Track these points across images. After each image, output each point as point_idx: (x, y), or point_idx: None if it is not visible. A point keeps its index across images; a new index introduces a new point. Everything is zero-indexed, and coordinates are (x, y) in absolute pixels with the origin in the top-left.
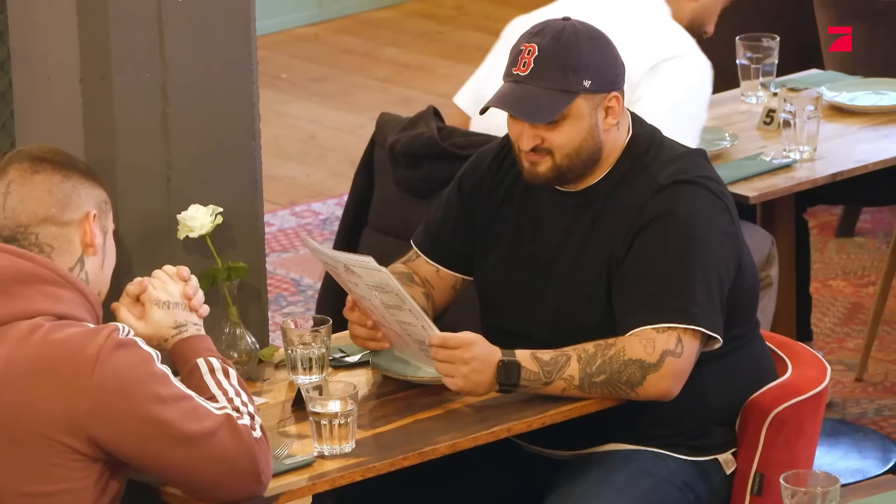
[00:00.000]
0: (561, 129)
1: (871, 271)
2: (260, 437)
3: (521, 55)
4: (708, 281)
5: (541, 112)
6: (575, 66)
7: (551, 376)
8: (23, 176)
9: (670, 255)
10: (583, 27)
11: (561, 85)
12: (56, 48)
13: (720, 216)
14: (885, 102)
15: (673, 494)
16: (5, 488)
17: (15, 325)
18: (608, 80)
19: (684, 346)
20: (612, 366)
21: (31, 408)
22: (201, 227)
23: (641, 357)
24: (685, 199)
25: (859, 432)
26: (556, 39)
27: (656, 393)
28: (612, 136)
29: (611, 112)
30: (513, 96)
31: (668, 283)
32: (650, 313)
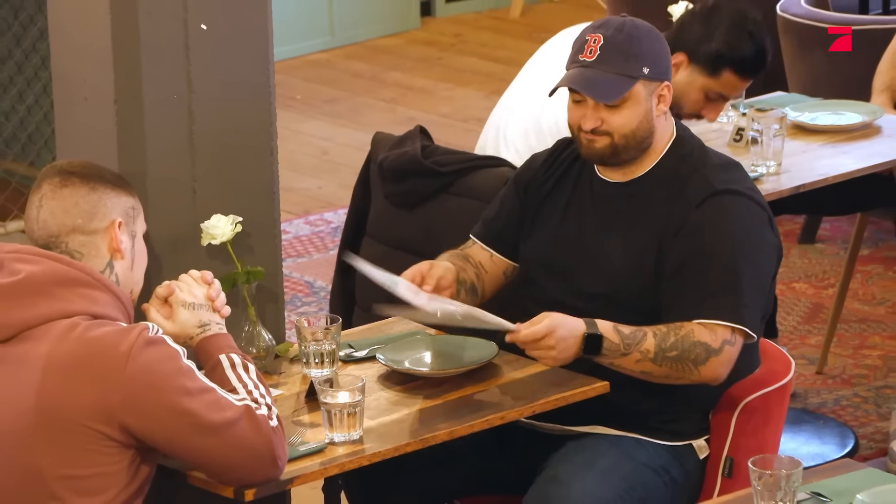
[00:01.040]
0: (621, 112)
1: (831, 275)
2: (276, 426)
3: (588, 44)
4: (756, 287)
5: (607, 93)
6: (636, 54)
7: (630, 349)
8: (53, 190)
9: (726, 259)
10: (640, 22)
11: (624, 70)
12: (93, 72)
13: (767, 229)
14: (843, 122)
15: (651, 477)
16: (47, 471)
17: (55, 324)
18: (663, 69)
19: (737, 339)
20: (684, 344)
21: (70, 399)
22: (223, 234)
23: (707, 341)
24: (741, 208)
25: (820, 420)
26: (619, 30)
27: (713, 375)
28: (661, 123)
29: (662, 100)
30: (581, 78)
31: (724, 284)
32: (709, 309)
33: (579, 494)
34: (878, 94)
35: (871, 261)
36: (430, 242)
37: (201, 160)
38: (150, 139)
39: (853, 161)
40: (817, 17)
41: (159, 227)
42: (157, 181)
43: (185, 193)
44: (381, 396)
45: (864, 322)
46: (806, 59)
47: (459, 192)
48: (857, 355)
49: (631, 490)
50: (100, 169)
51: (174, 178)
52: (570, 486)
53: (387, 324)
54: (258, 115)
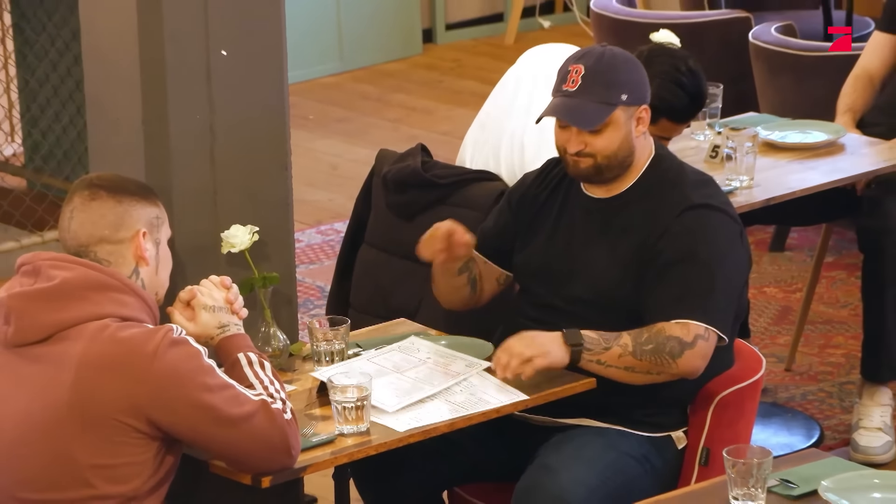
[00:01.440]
0: (602, 136)
1: (798, 280)
2: (290, 419)
3: (570, 74)
4: (728, 293)
5: (588, 120)
6: (615, 83)
7: (609, 343)
8: (83, 202)
9: (701, 266)
10: (619, 51)
11: (604, 98)
12: (122, 95)
13: (738, 241)
14: (810, 140)
15: (633, 465)
16: (80, 460)
17: (87, 326)
18: (640, 94)
19: (710, 335)
20: (658, 339)
21: (102, 394)
22: (241, 243)
23: (680, 336)
24: (716, 221)
25: (788, 413)
26: (598, 61)
27: (691, 367)
28: (641, 143)
29: (641, 121)
30: (564, 108)
31: (699, 288)
32: (684, 310)
33: (567, 481)
34: (841, 115)
35: (835, 267)
36: None
37: (221, 175)
38: (174, 156)
39: (819, 176)
40: (786, 45)
41: (183, 235)
42: (181, 194)
43: (207, 205)
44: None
45: (829, 323)
46: (776, 82)
47: (456, 202)
48: (823, 354)
49: (615, 477)
50: (126, 181)
51: (197, 191)
52: (560, 473)
53: (392, 325)
54: (274, 133)
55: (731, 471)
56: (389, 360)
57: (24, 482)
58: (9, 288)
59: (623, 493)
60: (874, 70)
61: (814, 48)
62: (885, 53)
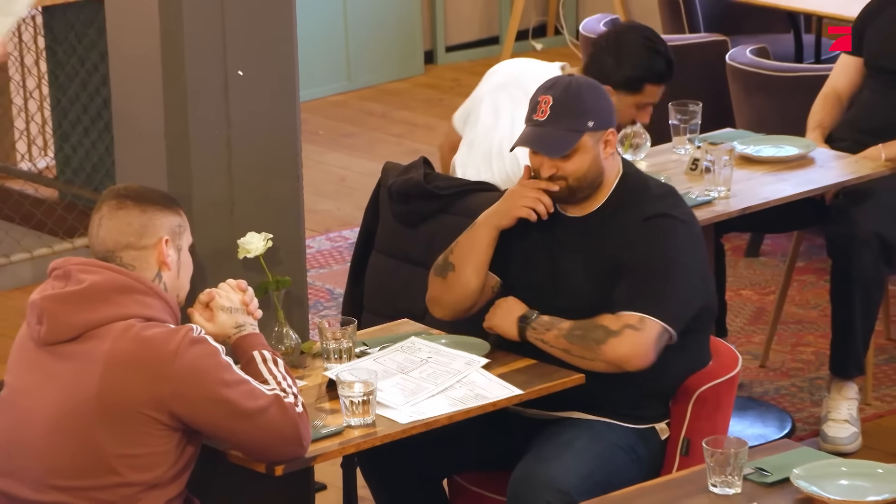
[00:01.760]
0: (572, 160)
1: (772, 283)
2: (301, 412)
3: (540, 105)
4: (679, 292)
5: (557, 148)
6: (582, 111)
7: (552, 326)
8: (110, 211)
9: (653, 268)
10: (584, 80)
11: (571, 126)
12: (146, 112)
13: (692, 245)
14: (783, 153)
15: (620, 454)
16: (107, 450)
17: (114, 326)
18: (606, 119)
19: (645, 326)
20: (587, 326)
21: (127, 389)
22: (256, 249)
23: (607, 325)
24: (672, 229)
25: (762, 406)
26: (565, 91)
27: (614, 355)
28: (609, 164)
29: (608, 144)
30: (535, 137)
31: (646, 286)
32: (625, 304)
33: (559, 470)
34: (811, 131)
35: (806, 272)
36: (431, 255)
37: (238, 186)
38: (194, 168)
39: (791, 187)
40: (760, 66)
41: (202, 242)
42: (201, 204)
43: (224, 214)
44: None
45: (800, 323)
46: (751, 100)
47: (456, 212)
48: (794, 351)
49: (603, 466)
50: (151, 192)
51: (215, 201)
52: (552, 462)
53: (396, 325)
54: (286, 147)
55: (709, 460)
56: (394, 360)
57: (56, 470)
58: (42, 290)
59: (610, 480)
60: (842, 89)
61: (786, 69)
62: (851, 74)
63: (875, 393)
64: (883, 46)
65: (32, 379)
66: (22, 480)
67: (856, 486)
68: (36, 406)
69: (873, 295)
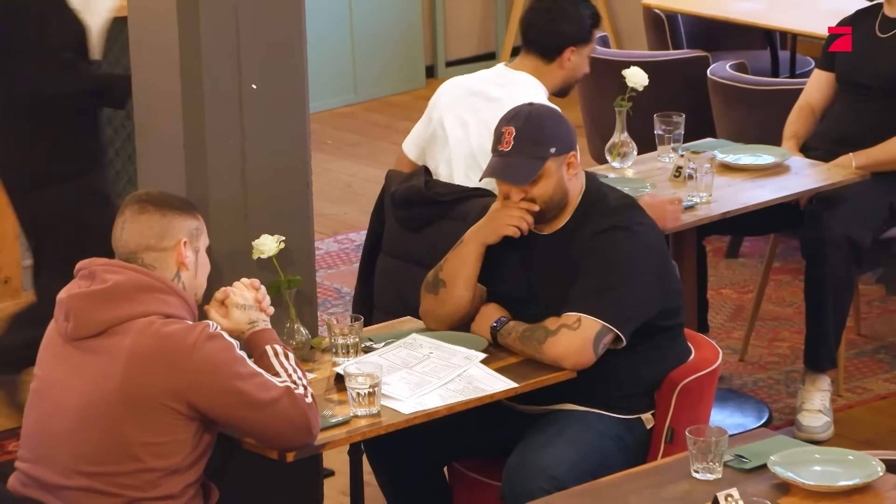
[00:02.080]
0: (538, 185)
1: (750, 283)
2: (311, 403)
3: (504, 136)
4: (625, 295)
5: (522, 177)
6: (543, 139)
7: (513, 330)
8: (133, 215)
9: (604, 274)
10: (544, 109)
11: (534, 154)
12: (166, 122)
13: (640, 252)
14: (760, 162)
15: (608, 443)
16: (130, 438)
17: (136, 322)
18: (567, 144)
19: (581, 325)
20: (533, 328)
21: (149, 382)
22: (269, 250)
23: (547, 325)
24: (623, 238)
25: (741, 398)
26: (527, 122)
27: (553, 353)
28: (573, 184)
29: (571, 166)
30: (501, 167)
31: (592, 290)
32: (568, 306)
33: (551, 457)
34: (787, 141)
35: (782, 272)
36: (433, 257)
37: (252, 191)
38: (211, 175)
39: (768, 193)
40: (739, 80)
41: (218, 244)
42: (217, 208)
43: (239, 218)
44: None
45: (777, 320)
46: (730, 111)
47: (455, 216)
48: (771, 346)
49: (592, 454)
50: (171, 197)
51: (230, 206)
52: (545, 450)
53: (399, 322)
54: (296, 156)
55: (692, 447)
56: (398, 356)
57: (82, 457)
58: (69, 289)
59: (599, 466)
60: (815, 102)
61: (763, 83)
62: (823, 88)
63: (846, 385)
64: (853, 62)
65: (61, 372)
66: (51, 466)
67: (828, 472)
68: (64, 397)
69: (844, 294)
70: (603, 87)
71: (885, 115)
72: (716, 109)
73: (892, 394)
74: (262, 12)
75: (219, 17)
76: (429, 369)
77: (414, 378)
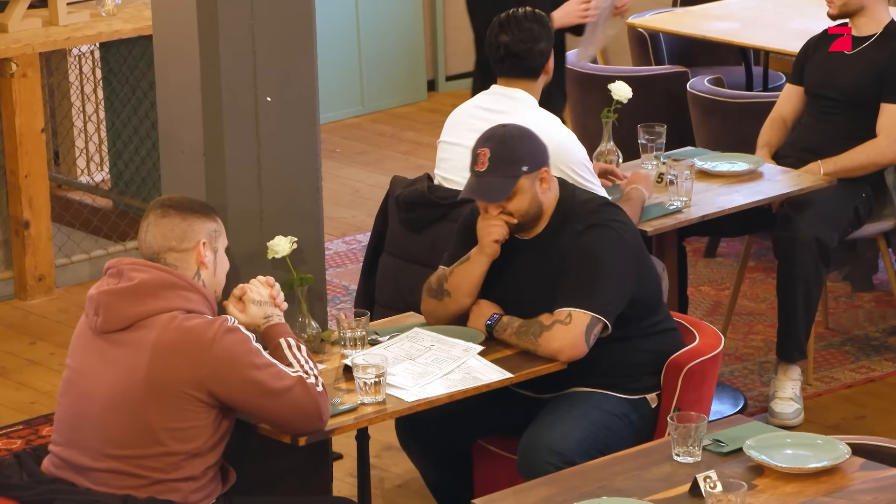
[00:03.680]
0: (514, 201)
1: (727, 280)
2: (322, 391)
3: (479, 157)
4: (604, 285)
5: (497, 195)
6: (516, 159)
7: (508, 325)
8: (156, 219)
9: (585, 270)
10: (516, 129)
11: (508, 173)
12: (188, 133)
13: (616, 246)
14: (736, 168)
15: (614, 420)
16: (155, 424)
17: (160, 317)
18: (538, 161)
19: (573, 319)
20: (529, 323)
21: (172, 372)
22: (283, 250)
23: (542, 321)
24: (595, 236)
25: (719, 386)
26: (501, 143)
27: (548, 348)
28: (547, 196)
29: (544, 181)
30: (478, 186)
31: (578, 286)
32: (559, 303)
33: (559, 435)
34: (760, 149)
35: (756, 270)
36: (434, 257)
37: (267, 196)
38: (229, 181)
39: (742, 197)
40: (716, 93)
41: (236, 244)
42: (235, 211)
43: (255, 220)
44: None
45: (751, 315)
46: (708, 122)
47: (454, 219)
48: (746, 339)
49: (598, 431)
50: (191, 201)
51: (247, 209)
52: (553, 428)
53: (402, 317)
54: (308, 163)
55: (673, 433)
56: (401, 348)
57: (110, 441)
58: (98, 286)
59: (606, 442)
60: (786, 114)
61: (738, 96)
62: (794, 100)
63: (815, 374)
64: (821, 77)
65: (91, 363)
66: (83, 450)
67: (799, 455)
68: (94, 386)
69: (813, 290)
70: (590, 99)
71: (849, 125)
72: (695, 120)
73: (857, 383)
74: (277, 32)
75: (237, 36)
76: (430, 360)
77: (417, 368)
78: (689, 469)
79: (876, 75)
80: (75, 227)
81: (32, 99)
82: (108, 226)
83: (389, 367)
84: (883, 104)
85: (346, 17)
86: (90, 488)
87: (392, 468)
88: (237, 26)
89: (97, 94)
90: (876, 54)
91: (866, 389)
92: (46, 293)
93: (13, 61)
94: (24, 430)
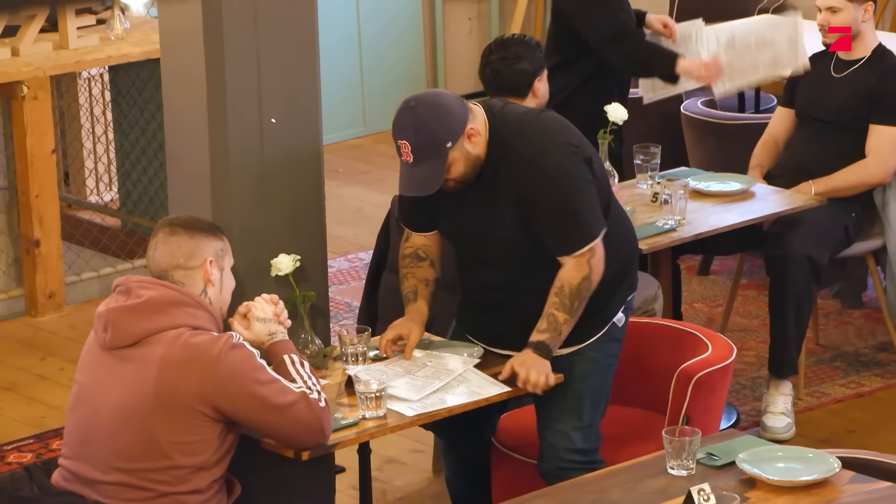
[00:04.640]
0: (453, 168)
1: (720, 297)
2: (324, 406)
3: (402, 149)
4: (585, 206)
5: (430, 186)
6: (437, 141)
7: (558, 327)
8: (164, 237)
9: (558, 201)
10: (425, 111)
11: (435, 155)
12: (195, 154)
13: (573, 158)
14: (728, 188)
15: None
16: (162, 438)
17: (167, 333)
18: (457, 129)
19: (594, 247)
20: (573, 293)
21: (178, 387)
22: (286, 268)
23: (582, 276)
24: (547, 158)
25: None
26: (416, 131)
27: (597, 277)
28: (477, 147)
29: (471, 139)
30: (411, 180)
31: (565, 219)
32: (569, 247)
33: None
34: (752, 169)
35: (748, 287)
36: None
37: (271, 215)
38: (235, 201)
39: (735, 216)
40: (709, 115)
41: (241, 262)
42: (240, 230)
43: (259, 238)
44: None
45: (744, 331)
46: (702, 143)
47: None
48: (739, 355)
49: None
50: (198, 221)
51: (252, 228)
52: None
53: None
54: (311, 182)
55: (668, 446)
56: (401, 365)
57: (119, 454)
58: (107, 303)
59: (605, 394)
60: (778, 135)
61: (731, 118)
62: (785, 122)
63: (806, 389)
64: (811, 100)
65: (99, 378)
66: (92, 463)
67: (790, 468)
68: (103, 401)
69: (804, 307)
70: None
71: (840, 146)
72: (689, 141)
73: (847, 397)
74: (281, 55)
75: (242, 59)
76: (430, 374)
77: (417, 382)
78: (683, 482)
79: (865, 98)
80: (85, 245)
81: (43, 121)
82: (117, 244)
83: (390, 382)
84: (872, 125)
85: (348, 41)
86: (99, 501)
87: (394, 481)
88: (243, 50)
89: (106, 116)
90: (865, 77)
91: (856, 404)
92: (56, 310)
93: (24, 84)
94: (34, 444)
